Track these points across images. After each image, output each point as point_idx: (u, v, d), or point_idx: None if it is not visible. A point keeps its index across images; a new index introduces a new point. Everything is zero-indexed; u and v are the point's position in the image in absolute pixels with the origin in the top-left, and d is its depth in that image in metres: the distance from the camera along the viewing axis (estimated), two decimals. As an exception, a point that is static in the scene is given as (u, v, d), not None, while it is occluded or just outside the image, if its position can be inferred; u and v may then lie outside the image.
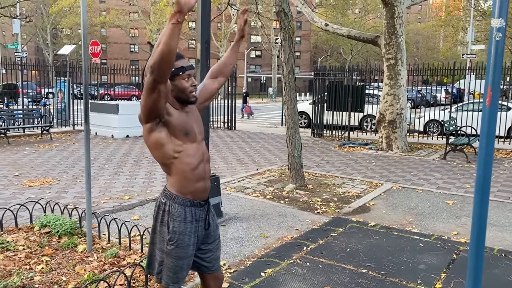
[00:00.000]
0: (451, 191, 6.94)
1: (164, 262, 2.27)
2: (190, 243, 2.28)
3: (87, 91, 3.93)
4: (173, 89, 2.21)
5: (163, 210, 2.27)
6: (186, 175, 2.23)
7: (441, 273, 3.84)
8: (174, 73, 2.18)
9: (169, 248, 2.24)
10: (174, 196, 2.25)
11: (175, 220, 2.23)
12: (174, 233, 2.23)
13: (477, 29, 35.12)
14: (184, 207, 2.25)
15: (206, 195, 2.34)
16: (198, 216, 2.30)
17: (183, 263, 2.27)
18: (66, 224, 4.42)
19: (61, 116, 14.80)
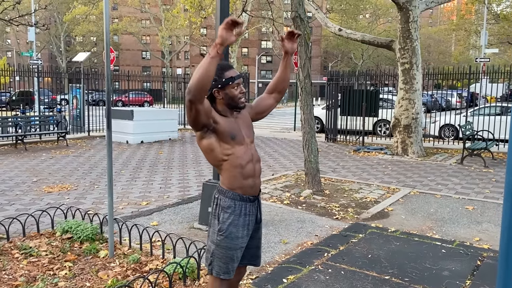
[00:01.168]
0: (470, 196, 6.86)
1: (214, 252, 2.40)
2: (239, 235, 2.41)
3: (110, 98, 3.97)
4: (224, 97, 2.41)
5: (216, 204, 2.44)
6: (234, 173, 2.41)
7: (466, 280, 3.78)
8: (225, 83, 2.38)
9: (219, 238, 2.38)
10: (224, 191, 2.42)
11: (225, 212, 2.39)
12: (224, 223, 2.38)
13: (490, 33, 34.80)
14: (234, 201, 2.40)
15: (255, 191, 2.50)
16: (248, 210, 2.45)
17: (233, 254, 2.40)
18: (87, 229, 4.44)
19: (76, 122, 14.95)
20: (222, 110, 2.43)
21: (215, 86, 2.37)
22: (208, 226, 2.50)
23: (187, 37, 48.71)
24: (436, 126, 14.35)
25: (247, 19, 40.01)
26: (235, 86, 2.40)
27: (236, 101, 2.43)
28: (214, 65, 2.10)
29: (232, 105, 2.43)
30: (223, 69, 2.39)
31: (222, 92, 2.39)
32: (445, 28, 51.36)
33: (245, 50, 62.46)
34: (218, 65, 2.30)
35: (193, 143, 13.30)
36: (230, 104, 2.43)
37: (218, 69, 2.31)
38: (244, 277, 3.82)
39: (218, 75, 2.35)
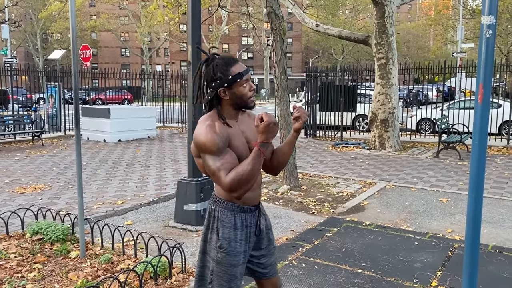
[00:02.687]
0: (445, 188, 6.96)
1: (215, 270, 2.16)
2: (241, 250, 2.17)
3: (77, 96, 3.89)
4: (231, 97, 2.07)
5: (213, 216, 2.17)
6: None
7: (437, 271, 3.84)
8: (232, 81, 2.04)
9: (219, 256, 2.13)
10: (222, 202, 2.15)
11: (225, 226, 2.14)
12: (224, 239, 2.13)
13: (466, 28, 35.40)
14: (233, 213, 2.14)
15: (256, 201, 2.22)
16: (249, 222, 2.19)
17: (235, 271, 2.15)
18: (58, 230, 4.36)
19: (52, 121, 14.68)
20: (227, 113, 2.11)
21: (220, 85, 2.03)
22: (202, 240, 2.25)
23: (166, 33, 48.28)
24: (413, 120, 14.54)
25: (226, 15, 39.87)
26: (244, 83, 2.07)
27: (245, 100, 2.10)
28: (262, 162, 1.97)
29: (241, 105, 2.11)
30: (228, 64, 2.05)
31: (229, 91, 2.05)
32: (423, 23, 52.08)
33: (226, 46, 62.21)
34: (221, 60, 2.06)
35: (171, 141, 13.20)
36: (238, 104, 2.11)
37: (222, 64, 2.04)
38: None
39: (223, 72, 2.03)
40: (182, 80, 16.79)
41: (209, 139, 1.96)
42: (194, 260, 4.12)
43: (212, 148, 1.96)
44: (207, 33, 48.31)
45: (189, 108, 5.14)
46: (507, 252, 4.27)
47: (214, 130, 1.99)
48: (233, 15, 45.52)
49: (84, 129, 13.40)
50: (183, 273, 3.64)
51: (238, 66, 2.07)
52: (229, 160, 1.98)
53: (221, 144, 1.97)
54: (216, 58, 2.09)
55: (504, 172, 8.18)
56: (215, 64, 2.06)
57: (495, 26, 1.71)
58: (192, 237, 4.74)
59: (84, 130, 13.40)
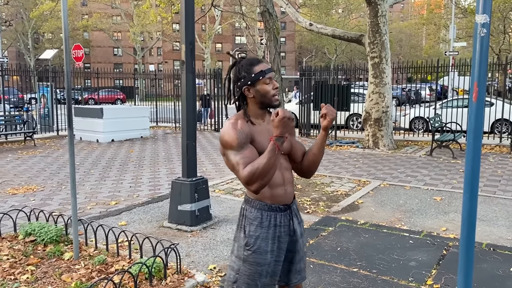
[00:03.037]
0: (439, 187, 6.99)
1: (241, 269, 2.15)
2: (268, 249, 2.14)
3: (70, 95, 3.85)
4: (255, 95, 2.14)
5: (242, 215, 2.21)
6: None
7: (432, 270, 3.85)
8: (255, 79, 2.12)
9: (246, 254, 2.14)
10: (251, 201, 2.18)
11: (251, 224, 2.15)
12: (250, 237, 2.14)
13: (459, 27, 35.62)
14: (261, 211, 2.15)
15: (287, 200, 2.21)
16: (279, 221, 2.17)
17: (261, 269, 2.13)
18: (51, 231, 4.32)
19: (45, 121, 14.56)
20: (253, 112, 2.17)
21: (244, 84, 2.13)
22: (234, 239, 2.26)
23: (159, 33, 48.10)
24: (406, 119, 14.60)
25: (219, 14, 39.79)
26: (267, 81, 2.13)
27: (269, 98, 2.14)
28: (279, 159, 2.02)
29: (266, 102, 2.16)
30: (252, 64, 2.15)
31: (252, 89, 2.13)
32: (416, 23, 52.36)
33: (219, 45, 62.11)
34: (246, 61, 2.17)
35: (165, 141, 13.15)
36: (262, 103, 2.16)
37: (246, 64, 2.15)
38: (213, 274, 3.80)
39: (247, 71, 2.14)
40: (175, 79, 16.73)
41: (230, 135, 2.05)
42: (189, 260, 4.10)
43: (233, 144, 2.04)
44: (200, 32, 48.19)
45: (183, 107, 5.11)
46: (501, 250, 4.30)
47: (235, 127, 2.07)
48: (226, 14, 45.44)
49: (77, 129, 13.31)
50: (178, 274, 3.62)
51: (262, 65, 2.16)
52: (248, 155, 2.03)
53: (241, 139, 2.04)
54: (242, 60, 2.20)
55: (497, 170, 8.23)
56: (240, 65, 2.18)
57: (489, 25, 1.71)
58: (186, 238, 4.72)
59: (77, 130, 13.30)
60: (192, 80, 5.06)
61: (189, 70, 4.98)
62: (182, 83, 5.07)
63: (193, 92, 5.12)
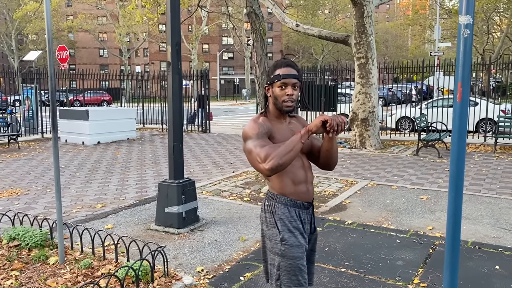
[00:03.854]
0: (425, 186, 7.06)
1: (281, 265, 2.17)
2: (302, 243, 2.20)
3: (54, 97, 3.80)
4: (271, 95, 2.24)
5: (269, 212, 2.23)
6: (285, 179, 2.21)
7: (419, 268, 3.88)
8: (271, 80, 2.22)
9: (283, 248, 2.16)
10: (276, 196, 2.22)
11: (282, 219, 2.19)
12: (284, 231, 2.17)
13: (443, 27, 36.07)
14: (287, 207, 2.21)
15: (309, 198, 2.27)
16: (303, 217, 2.25)
17: (301, 263, 2.17)
18: (36, 236, 4.25)
19: (29, 124, 14.35)
20: (272, 111, 2.26)
21: (265, 82, 2.26)
22: (262, 236, 2.28)
23: (146, 34, 47.79)
24: (393, 119, 14.72)
25: (206, 15, 39.67)
26: (281, 86, 2.18)
27: (279, 103, 2.20)
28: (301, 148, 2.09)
29: (277, 105, 2.22)
30: (276, 66, 2.23)
31: (271, 90, 2.23)
32: (401, 23, 52.79)
33: (206, 46, 61.93)
34: (276, 62, 2.26)
35: (152, 143, 13.06)
36: (275, 105, 2.23)
37: (273, 66, 2.25)
38: (201, 277, 3.77)
39: (270, 72, 2.24)
40: (162, 80, 16.63)
41: (250, 127, 2.17)
42: (176, 263, 4.07)
43: (253, 132, 2.14)
44: (187, 33, 48.03)
45: (169, 109, 5.08)
46: (486, 248, 4.35)
47: (257, 121, 2.20)
48: (213, 15, 45.36)
49: (62, 132, 13.15)
50: (165, 277, 3.59)
51: (282, 69, 2.20)
52: (266, 142, 2.12)
53: (261, 130, 2.14)
54: (277, 60, 2.29)
55: (481, 169, 8.34)
56: (273, 64, 2.28)
57: (473, 26, 1.73)
58: (174, 240, 4.68)
59: (62, 133, 13.15)
60: (179, 81, 5.03)
61: (175, 71, 4.95)
62: (168, 84, 5.03)
63: (180, 93, 5.09)
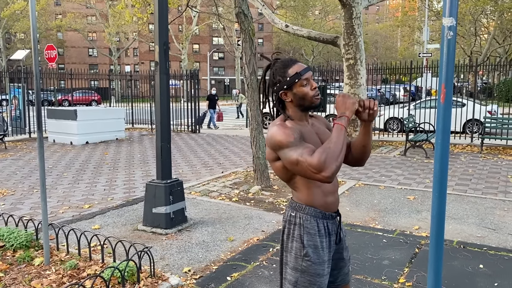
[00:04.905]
0: (412, 186, 7.12)
1: (299, 281, 2.02)
2: (326, 259, 2.05)
3: (39, 97, 3.76)
4: (293, 98, 2.04)
5: (294, 223, 2.06)
6: (313, 189, 2.05)
7: (404, 268, 3.91)
8: (291, 82, 2.02)
9: (305, 264, 2.01)
10: (304, 207, 2.04)
11: (309, 233, 2.03)
12: (310, 247, 2.02)
13: (432, 29, 36.40)
14: (316, 219, 2.04)
15: (336, 208, 2.12)
16: (331, 229, 2.08)
17: (321, 281, 2.03)
18: (21, 237, 4.21)
19: (16, 123, 14.19)
20: (293, 114, 2.07)
21: (281, 89, 2.04)
22: (281, 248, 2.12)
23: (135, 33, 47.53)
24: (381, 120, 14.82)
25: (196, 15, 39.58)
26: (304, 82, 2.02)
27: (309, 100, 2.04)
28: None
29: (305, 105, 2.05)
30: (286, 67, 2.04)
31: (290, 93, 2.04)
32: (391, 25, 53.16)
33: (196, 46, 61.79)
34: (280, 63, 2.07)
35: (141, 143, 13.00)
36: (302, 105, 2.05)
37: (280, 67, 2.05)
38: (188, 277, 3.77)
39: (281, 74, 2.03)
40: (152, 80, 16.56)
41: (283, 134, 1.95)
42: (163, 263, 4.06)
43: (289, 139, 1.93)
44: (177, 33, 47.85)
45: (157, 109, 5.06)
46: (471, 247, 4.40)
47: (286, 126, 2.00)
48: (203, 15, 45.27)
49: (50, 132, 13.03)
50: (151, 277, 3.58)
51: (297, 67, 2.04)
52: (308, 146, 1.94)
53: (296, 135, 1.96)
54: (277, 62, 2.09)
55: (468, 169, 8.44)
56: (274, 68, 2.07)
57: (456, 28, 1.75)
58: (161, 241, 4.67)
59: (50, 133, 13.03)
60: (166, 81, 5.01)
61: (163, 71, 4.93)
62: (156, 84, 5.02)
63: (167, 93, 5.07)
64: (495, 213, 5.61)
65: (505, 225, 5.13)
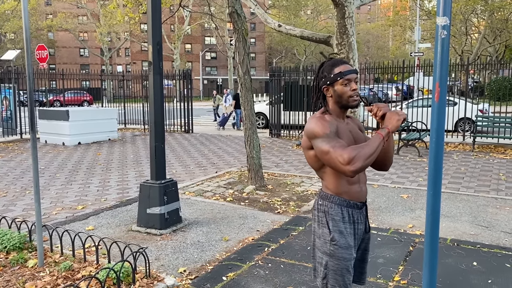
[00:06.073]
0: (405, 185, 7.16)
1: (329, 264, 2.20)
2: (352, 244, 2.21)
3: (32, 97, 3.73)
4: (333, 94, 2.22)
5: (322, 211, 2.24)
6: (340, 179, 2.21)
7: (399, 266, 3.93)
8: (333, 79, 2.19)
9: (332, 248, 2.18)
10: (329, 196, 2.23)
11: (334, 219, 2.21)
12: (335, 232, 2.19)
13: (423, 28, 36.62)
14: (341, 207, 2.22)
15: (362, 197, 2.28)
16: (356, 218, 2.25)
17: (348, 264, 2.19)
18: (14, 238, 4.17)
19: (7, 124, 14.06)
20: (332, 110, 2.25)
21: (324, 83, 2.22)
22: (313, 234, 2.30)
23: (127, 33, 47.30)
24: (374, 119, 14.86)
25: (188, 14, 39.48)
26: (345, 83, 2.18)
27: (346, 99, 2.20)
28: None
29: (342, 103, 2.22)
30: (334, 65, 2.21)
31: (331, 89, 2.22)
32: (382, 24, 53.46)
33: (189, 46, 61.61)
34: (330, 61, 2.23)
35: (134, 143, 12.94)
36: (339, 103, 2.22)
37: (329, 65, 2.22)
38: (183, 278, 3.76)
39: (328, 71, 2.22)
40: (144, 80, 16.49)
41: (320, 125, 2.13)
42: (158, 264, 4.04)
43: (325, 131, 2.10)
44: (169, 33, 47.70)
45: (150, 109, 5.04)
46: (464, 244, 4.44)
47: (324, 119, 2.18)
48: (195, 15, 45.16)
49: (41, 132, 12.93)
50: (147, 278, 3.57)
51: (342, 67, 2.21)
52: (342, 141, 2.10)
53: (332, 128, 2.13)
54: (329, 60, 2.26)
55: (460, 168, 8.50)
56: (325, 65, 2.25)
57: (450, 27, 1.76)
58: (156, 241, 4.65)
59: (42, 133, 12.93)
60: (160, 81, 4.99)
61: (157, 71, 4.91)
62: (150, 85, 5.00)
63: (161, 93, 5.05)
64: (488, 210, 5.66)
65: (497, 222, 5.18)
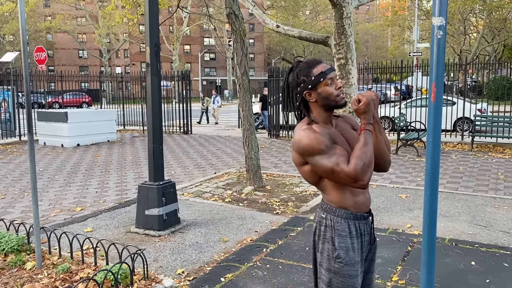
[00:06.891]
0: (404, 185, 7.16)
1: (333, 282, 2.05)
2: (358, 260, 2.06)
3: (29, 99, 3.73)
4: (317, 98, 2.04)
5: (325, 225, 2.07)
6: (343, 190, 2.04)
7: (397, 266, 3.94)
8: (315, 82, 2.02)
9: (337, 266, 2.03)
10: (334, 209, 2.05)
11: (340, 235, 2.04)
12: (341, 249, 2.02)
13: (422, 28, 36.68)
14: (347, 220, 2.04)
15: (367, 207, 2.12)
16: (363, 230, 2.08)
17: (354, 282, 2.04)
18: (12, 241, 4.16)
19: (6, 126, 14.06)
20: (318, 117, 2.06)
21: (305, 88, 2.03)
22: (313, 248, 2.15)
23: (126, 34, 47.32)
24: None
25: (187, 15, 39.51)
26: (329, 82, 2.01)
27: (333, 99, 2.03)
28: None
29: (330, 105, 2.04)
30: (310, 67, 2.04)
31: (314, 93, 2.03)
32: (381, 24, 53.48)
33: (187, 47, 61.64)
34: (304, 64, 2.07)
35: (132, 145, 12.94)
36: (326, 105, 2.04)
37: (304, 68, 2.05)
38: (181, 279, 3.76)
39: (305, 74, 2.03)
40: (143, 81, 16.49)
41: (314, 139, 1.94)
42: (157, 265, 4.04)
43: (321, 147, 1.93)
44: (168, 34, 47.73)
45: (148, 110, 5.04)
46: (463, 244, 4.44)
47: (314, 131, 1.98)
48: (194, 16, 45.18)
49: (40, 134, 12.93)
50: (145, 280, 3.56)
51: (321, 66, 2.05)
52: (342, 153, 1.94)
53: (327, 141, 1.95)
54: (300, 64, 2.09)
55: (459, 167, 8.51)
56: (298, 69, 2.07)
57: (446, 27, 1.76)
58: (154, 242, 4.65)
59: (40, 135, 12.92)
60: (158, 82, 4.99)
61: (154, 73, 4.91)
62: (147, 86, 5.00)
63: (159, 94, 5.05)
64: (486, 210, 5.66)
65: (496, 222, 5.18)
